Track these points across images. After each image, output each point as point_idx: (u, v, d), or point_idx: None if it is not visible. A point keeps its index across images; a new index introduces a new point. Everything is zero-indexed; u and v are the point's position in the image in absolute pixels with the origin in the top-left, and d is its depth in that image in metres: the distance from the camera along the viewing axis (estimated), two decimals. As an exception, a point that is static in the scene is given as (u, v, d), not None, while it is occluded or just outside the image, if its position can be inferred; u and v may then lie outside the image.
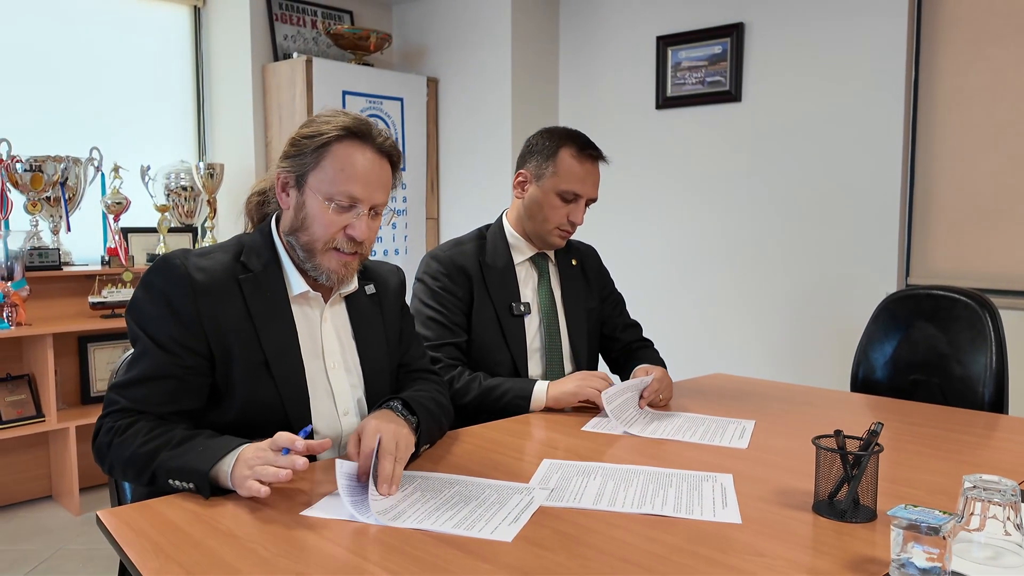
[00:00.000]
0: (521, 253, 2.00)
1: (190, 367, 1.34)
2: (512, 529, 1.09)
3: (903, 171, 3.19)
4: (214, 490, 1.21)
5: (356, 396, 1.49)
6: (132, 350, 1.38)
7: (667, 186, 3.86)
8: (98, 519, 1.13)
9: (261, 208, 1.54)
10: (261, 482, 1.16)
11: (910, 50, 3.15)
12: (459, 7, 4.28)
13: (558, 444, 1.55)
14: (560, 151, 1.92)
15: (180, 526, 1.10)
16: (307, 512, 1.15)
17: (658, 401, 1.84)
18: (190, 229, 3.97)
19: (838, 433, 1.14)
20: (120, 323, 3.39)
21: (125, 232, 3.67)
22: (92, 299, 3.37)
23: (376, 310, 1.56)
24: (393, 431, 1.27)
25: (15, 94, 3.52)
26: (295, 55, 3.88)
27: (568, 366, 2.02)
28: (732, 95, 3.61)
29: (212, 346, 1.35)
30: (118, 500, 1.47)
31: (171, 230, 3.80)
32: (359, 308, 1.53)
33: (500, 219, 2.05)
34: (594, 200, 1.97)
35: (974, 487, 1.02)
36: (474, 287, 1.93)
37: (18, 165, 3.23)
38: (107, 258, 3.52)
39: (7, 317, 3.06)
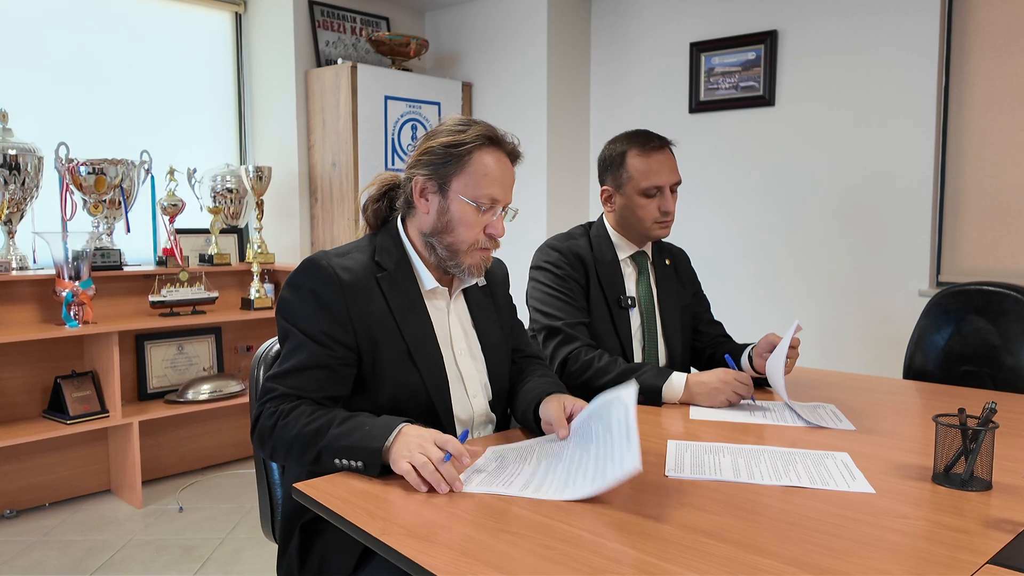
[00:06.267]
0: (623, 251, 2.13)
1: (340, 358, 1.45)
2: (634, 456, 1.19)
3: (934, 172, 3.33)
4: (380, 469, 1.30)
5: (482, 380, 1.62)
6: (283, 347, 1.48)
7: (701, 189, 3.99)
8: (297, 491, 1.24)
9: (378, 214, 1.63)
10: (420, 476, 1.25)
11: (941, 55, 3.30)
12: (492, 14, 4.40)
13: (671, 427, 1.67)
14: (627, 156, 2.05)
15: (376, 494, 1.22)
16: (468, 489, 1.24)
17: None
18: (236, 230, 4.07)
19: (961, 411, 1.27)
20: (177, 321, 3.49)
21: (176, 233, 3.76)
22: (152, 298, 3.47)
23: (489, 301, 1.70)
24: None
25: (63, 98, 3.61)
26: (339, 61, 3.98)
27: (662, 359, 2.14)
28: (766, 100, 3.74)
29: (359, 339, 1.47)
30: (269, 489, 1.58)
31: (220, 231, 3.90)
32: (476, 300, 1.67)
33: (601, 219, 2.17)
34: (678, 183, 2.09)
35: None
36: (589, 277, 2.06)
37: (82, 168, 3.32)
38: (163, 258, 3.62)
39: (75, 315, 3.15)
